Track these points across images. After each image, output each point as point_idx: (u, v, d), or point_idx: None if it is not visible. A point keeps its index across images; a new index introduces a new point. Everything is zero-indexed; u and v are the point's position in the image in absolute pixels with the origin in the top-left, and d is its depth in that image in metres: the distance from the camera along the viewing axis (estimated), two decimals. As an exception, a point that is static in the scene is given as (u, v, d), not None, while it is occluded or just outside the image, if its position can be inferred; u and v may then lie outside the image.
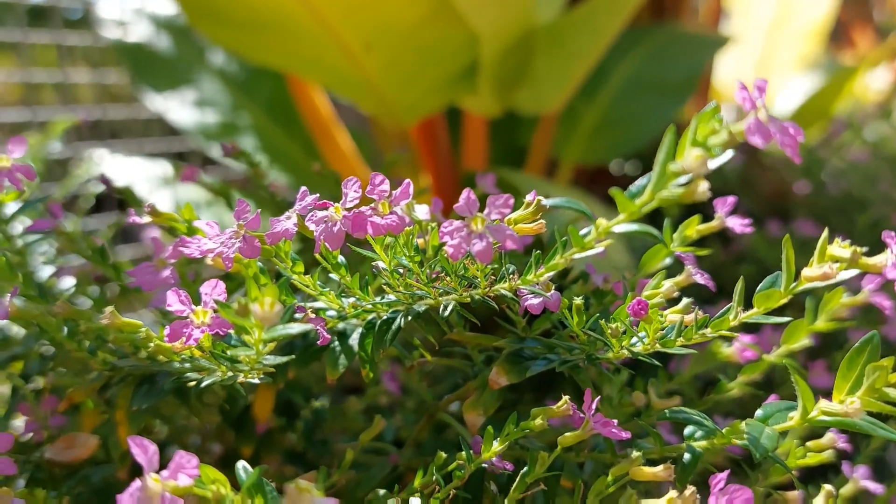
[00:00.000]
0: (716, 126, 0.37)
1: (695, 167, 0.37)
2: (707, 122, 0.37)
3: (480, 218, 0.42)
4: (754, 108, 0.37)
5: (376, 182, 0.45)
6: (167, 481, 0.35)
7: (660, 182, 0.40)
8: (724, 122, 0.37)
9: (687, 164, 0.38)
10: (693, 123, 0.38)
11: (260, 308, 0.37)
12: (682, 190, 0.39)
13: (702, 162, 0.37)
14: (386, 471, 0.65)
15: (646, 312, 0.47)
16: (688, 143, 0.38)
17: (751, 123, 0.37)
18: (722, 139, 0.37)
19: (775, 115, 0.37)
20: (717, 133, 0.37)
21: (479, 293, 0.48)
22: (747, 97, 0.37)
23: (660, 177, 0.40)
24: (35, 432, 0.66)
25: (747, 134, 0.37)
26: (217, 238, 0.47)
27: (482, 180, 0.78)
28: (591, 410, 0.48)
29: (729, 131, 0.37)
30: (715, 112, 0.37)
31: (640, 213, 0.42)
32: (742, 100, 0.37)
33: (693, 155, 0.37)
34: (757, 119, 0.37)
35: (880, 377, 0.41)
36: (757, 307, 0.46)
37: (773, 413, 0.49)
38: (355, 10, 1.13)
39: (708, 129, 0.37)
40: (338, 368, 0.53)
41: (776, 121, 0.38)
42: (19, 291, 0.55)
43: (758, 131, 0.36)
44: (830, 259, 0.44)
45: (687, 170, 0.38)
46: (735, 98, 0.37)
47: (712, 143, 0.37)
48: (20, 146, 0.56)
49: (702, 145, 0.37)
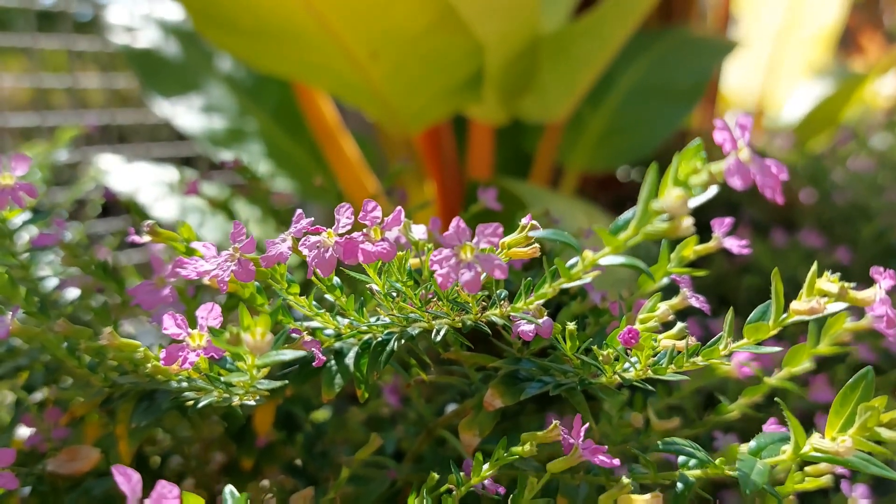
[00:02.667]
0: (697, 165, 0.37)
1: (675, 207, 0.38)
2: (689, 161, 0.37)
3: (470, 247, 0.43)
4: (735, 147, 0.37)
5: (368, 209, 0.45)
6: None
7: (643, 218, 0.40)
8: (705, 162, 0.37)
9: (668, 204, 0.38)
10: (675, 162, 0.38)
11: (251, 338, 0.38)
12: (666, 225, 0.40)
13: (683, 202, 0.37)
14: (384, 486, 0.66)
15: (636, 341, 0.47)
16: (670, 182, 0.38)
17: (731, 164, 0.37)
18: (702, 179, 0.37)
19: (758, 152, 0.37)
20: (698, 173, 0.37)
21: (471, 318, 0.48)
22: (728, 137, 0.37)
23: (643, 213, 0.40)
24: (38, 444, 0.67)
25: (726, 175, 0.37)
26: (213, 260, 0.47)
27: (483, 194, 0.78)
28: (580, 437, 0.48)
29: (709, 171, 0.37)
30: (697, 151, 0.37)
31: (626, 246, 0.42)
32: (722, 140, 0.37)
33: (674, 195, 0.37)
34: (737, 160, 0.37)
35: (872, 417, 0.41)
36: (747, 338, 0.46)
37: (767, 444, 0.49)
38: (361, 18, 1.14)
39: (689, 169, 0.37)
40: (333, 388, 0.53)
41: (758, 159, 0.38)
42: (21, 308, 0.55)
43: (737, 172, 0.36)
44: (819, 293, 0.44)
45: (668, 209, 0.38)
46: (716, 138, 0.38)
47: (693, 183, 0.38)
48: (23, 164, 0.56)
49: (683, 185, 0.38)
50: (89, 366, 0.56)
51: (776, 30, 2.70)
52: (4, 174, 0.56)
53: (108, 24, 1.64)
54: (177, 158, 2.06)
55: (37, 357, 0.70)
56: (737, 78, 2.72)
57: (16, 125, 1.75)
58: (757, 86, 2.73)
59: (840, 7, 2.68)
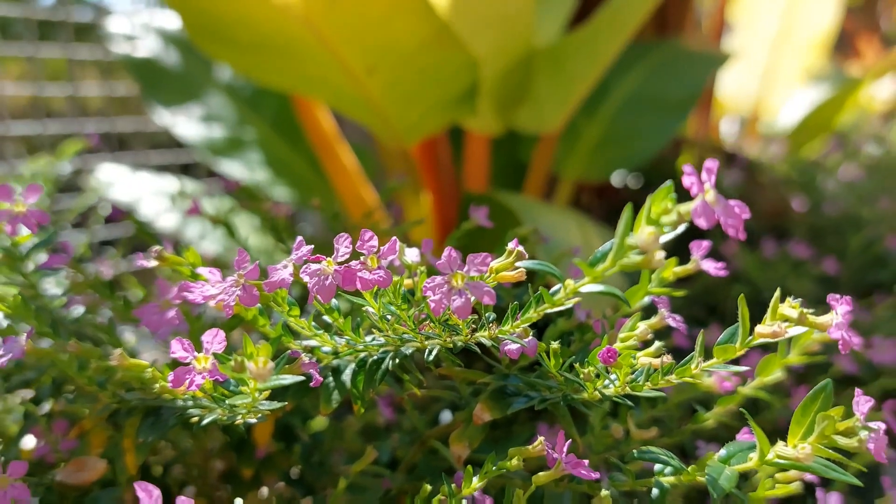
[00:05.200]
0: (668, 206, 0.40)
1: (647, 243, 0.41)
2: (660, 201, 0.41)
3: (461, 275, 0.46)
4: (702, 190, 0.40)
5: (365, 238, 0.48)
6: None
7: (619, 252, 0.43)
8: (675, 202, 0.40)
9: (640, 241, 0.41)
10: (647, 202, 0.41)
11: (255, 366, 0.41)
12: (640, 259, 0.43)
13: (654, 238, 0.41)
14: (379, 495, 0.68)
15: (615, 360, 0.50)
16: (643, 220, 0.41)
17: (697, 206, 0.40)
18: (672, 219, 0.41)
19: (721, 195, 0.40)
20: (669, 213, 0.41)
21: (462, 339, 0.51)
22: (695, 181, 0.40)
23: (619, 248, 0.43)
24: (46, 455, 0.70)
25: (693, 215, 0.40)
26: (219, 285, 0.50)
27: (475, 212, 0.81)
28: (563, 452, 0.51)
29: (678, 212, 0.40)
30: (667, 192, 0.41)
31: (604, 276, 0.45)
32: (690, 184, 0.40)
33: (646, 232, 0.41)
34: (703, 202, 0.40)
35: (829, 426, 0.44)
36: (717, 357, 0.49)
37: (736, 453, 0.52)
38: (358, 33, 1.16)
39: (660, 209, 0.41)
40: (331, 404, 0.56)
41: (723, 200, 0.41)
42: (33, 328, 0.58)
43: (703, 213, 0.39)
44: (780, 318, 0.47)
45: (641, 245, 0.41)
46: (684, 182, 0.40)
47: (664, 222, 0.41)
48: (34, 193, 0.59)
49: (655, 223, 0.41)
50: (98, 383, 0.58)
51: (771, 36, 2.73)
52: (18, 202, 0.59)
53: (108, 33, 1.66)
54: (176, 165, 2.09)
55: (45, 371, 0.73)
56: (732, 84, 2.75)
57: (17, 133, 1.78)
58: (752, 92, 2.76)
59: (835, 12, 2.71)
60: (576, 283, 0.47)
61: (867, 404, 0.46)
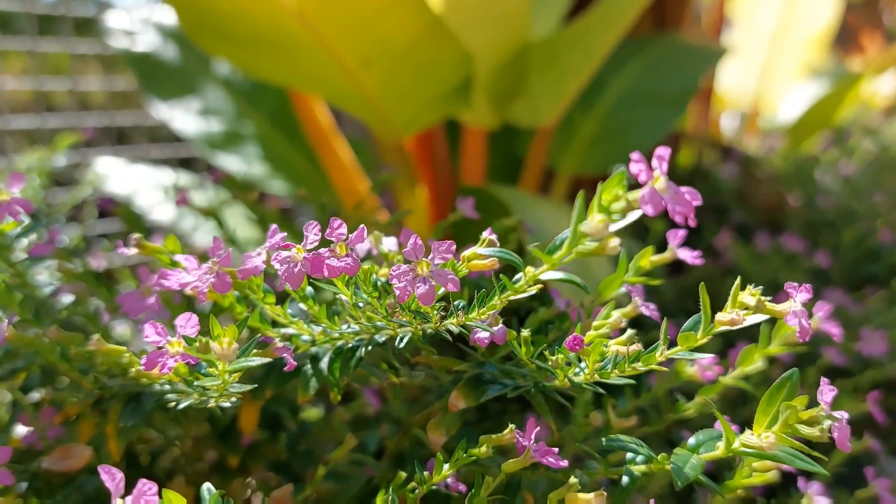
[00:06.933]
0: (618, 193, 0.41)
1: (598, 231, 0.41)
2: (611, 189, 0.41)
3: (426, 262, 0.47)
4: (651, 178, 0.41)
5: (335, 226, 0.49)
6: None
7: (574, 240, 0.44)
8: (626, 189, 0.41)
9: (590, 228, 0.42)
10: (598, 190, 0.42)
11: (219, 346, 0.42)
12: (594, 245, 0.44)
13: (604, 226, 0.41)
14: (361, 483, 0.69)
15: (580, 347, 0.50)
16: (594, 207, 0.42)
17: (645, 193, 0.41)
18: (621, 206, 0.41)
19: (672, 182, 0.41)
20: (618, 200, 0.41)
21: (432, 327, 0.52)
22: (644, 168, 0.41)
23: (573, 235, 0.44)
24: (34, 442, 0.71)
25: (640, 202, 0.40)
26: (195, 272, 0.51)
27: (462, 203, 0.82)
28: (531, 440, 0.52)
29: (627, 199, 0.41)
30: (619, 179, 0.41)
31: (561, 263, 0.46)
32: (637, 171, 0.41)
33: (596, 220, 0.41)
34: (651, 189, 0.40)
35: (792, 415, 0.45)
36: (680, 345, 0.49)
37: (705, 441, 0.53)
38: (353, 28, 1.17)
39: (611, 196, 0.41)
40: (309, 391, 0.57)
41: (673, 187, 0.41)
42: (17, 314, 0.59)
43: (651, 201, 0.40)
44: (740, 306, 0.48)
45: (591, 233, 0.42)
46: (632, 169, 0.41)
47: (614, 209, 0.41)
48: (18, 182, 0.60)
49: (605, 210, 0.41)
50: (80, 369, 0.59)
51: (771, 31, 2.73)
52: (2, 191, 0.60)
53: (107, 28, 1.67)
54: (175, 159, 2.09)
55: (33, 360, 0.74)
56: (732, 79, 2.75)
57: (17, 127, 1.79)
58: (752, 87, 2.76)
59: (834, 7, 2.71)
60: (535, 271, 0.48)
61: (830, 393, 0.46)
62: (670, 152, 0.41)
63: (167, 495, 0.41)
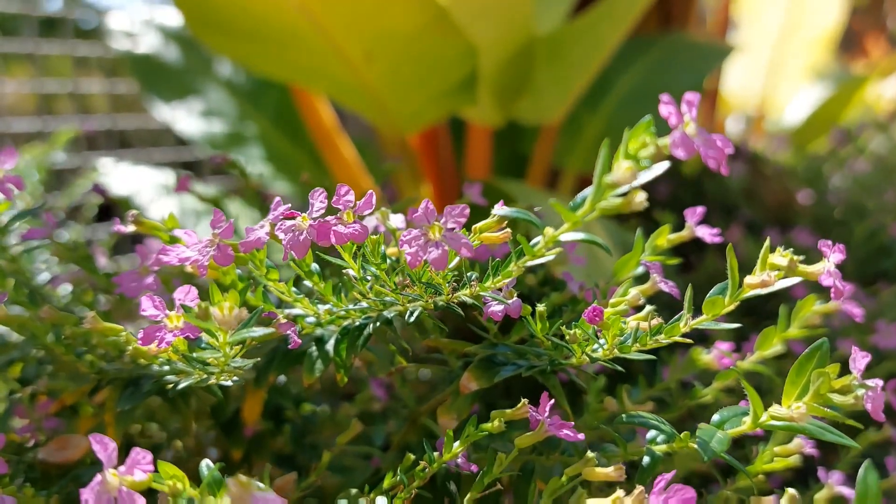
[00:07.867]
0: (646, 140, 0.39)
1: (625, 179, 0.39)
2: (638, 136, 0.39)
3: (438, 227, 0.44)
4: (681, 122, 0.39)
5: (342, 193, 0.47)
6: (125, 476, 0.37)
7: (597, 194, 0.42)
8: (654, 136, 0.39)
9: (618, 177, 0.39)
10: (625, 137, 0.40)
11: (219, 312, 0.39)
12: (619, 201, 0.41)
13: (632, 173, 0.39)
14: (367, 473, 0.67)
15: (600, 319, 0.48)
16: (621, 155, 0.40)
17: (676, 137, 0.38)
18: (650, 152, 0.39)
19: (703, 128, 0.39)
20: (646, 146, 0.39)
21: (443, 299, 0.50)
22: (674, 111, 0.39)
23: (597, 189, 0.42)
24: (31, 434, 0.69)
25: (671, 147, 0.38)
26: (195, 246, 0.49)
27: (469, 189, 0.80)
28: (545, 414, 0.50)
29: (656, 145, 0.39)
30: (647, 126, 0.39)
31: (583, 221, 0.44)
32: (668, 114, 0.39)
33: (623, 167, 0.39)
34: (682, 133, 0.38)
35: (824, 383, 0.42)
36: (706, 313, 0.47)
37: (730, 418, 0.50)
38: (355, 19, 1.15)
39: (638, 144, 0.39)
40: (314, 373, 0.54)
41: (704, 133, 0.39)
42: (10, 297, 0.57)
43: (682, 144, 0.38)
44: (771, 268, 0.45)
45: (618, 182, 0.40)
46: (661, 111, 0.39)
47: (642, 156, 0.39)
48: (10, 158, 0.58)
49: (633, 158, 0.39)
50: (76, 353, 0.57)
51: (776, 33, 2.71)
52: (-9, 169, 0.58)
53: (109, 30, 1.66)
54: (178, 163, 2.08)
55: (29, 351, 0.72)
56: (738, 81, 2.73)
57: (19, 130, 1.77)
58: (758, 88, 2.74)
59: (840, 10, 2.69)
60: (555, 231, 0.45)
61: (864, 360, 0.44)
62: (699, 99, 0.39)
63: (163, 467, 0.39)
